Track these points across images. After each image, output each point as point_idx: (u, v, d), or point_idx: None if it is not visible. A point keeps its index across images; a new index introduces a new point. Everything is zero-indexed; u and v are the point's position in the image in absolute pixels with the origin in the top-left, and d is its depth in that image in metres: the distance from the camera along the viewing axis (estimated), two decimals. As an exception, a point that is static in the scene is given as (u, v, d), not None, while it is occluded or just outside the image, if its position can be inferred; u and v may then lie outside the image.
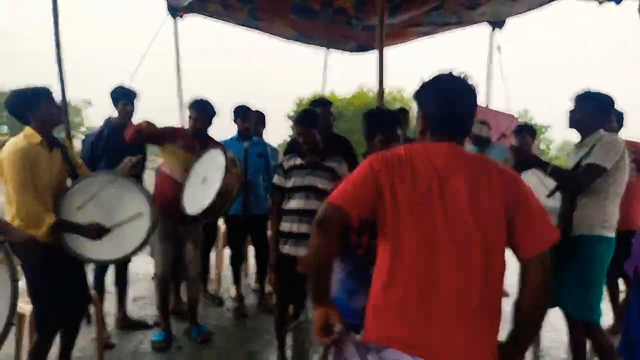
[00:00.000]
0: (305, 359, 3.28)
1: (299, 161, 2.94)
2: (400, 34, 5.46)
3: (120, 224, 2.58)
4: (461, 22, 5.21)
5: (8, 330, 1.42)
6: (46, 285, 2.48)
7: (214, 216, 3.16)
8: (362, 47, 5.95)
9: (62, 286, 2.53)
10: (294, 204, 2.88)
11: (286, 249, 2.87)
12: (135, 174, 2.92)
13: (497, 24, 5.51)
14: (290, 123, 41.22)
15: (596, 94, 2.60)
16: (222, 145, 3.43)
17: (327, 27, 5.25)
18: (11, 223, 2.35)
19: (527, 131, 4.30)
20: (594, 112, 2.59)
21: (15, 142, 2.44)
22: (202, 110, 3.44)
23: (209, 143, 3.44)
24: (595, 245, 2.50)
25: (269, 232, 3.38)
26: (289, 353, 3.22)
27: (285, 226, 2.89)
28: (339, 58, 6.57)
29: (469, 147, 4.55)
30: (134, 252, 2.73)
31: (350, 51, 6.11)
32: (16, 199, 2.35)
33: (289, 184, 2.91)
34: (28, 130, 2.49)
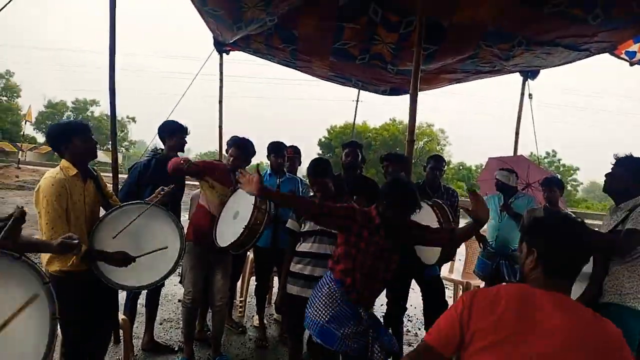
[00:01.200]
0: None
1: None
2: (433, 80, 5.60)
3: (147, 253, 2.66)
4: (494, 71, 5.31)
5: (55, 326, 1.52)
6: (72, 315, 2.49)
7: (241, 248, 3.30)
8: (395, 91, 6.12)
9: (91, 315, 2.63)
10: (306, 247, 3.01)
11: (295, 290, 2.97)
12: (167, 203, 3.00)
13: (530, 74, 5.61)
14: (319, 149, 41.77)
15: (638, 160, 2.57)
16: None
17: (363, 70, 5.45)
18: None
19: (555, 184, 4.31)
20: (635, 178, 2.54)
21: (53, 175, 2.52)
22: (243, 149, 3.65)
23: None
24: (625, 317, 2.37)
25: None
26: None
27: (297, 267, 3.00)
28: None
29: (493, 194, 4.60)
30: (161, 280, 2.82)
31: (383, 93, 6.28)
32: (47, 231, 2.42)
33: (303, 227, 3.05)
34: (64, 162, 2.61)
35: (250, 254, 4.79)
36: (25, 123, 26.29)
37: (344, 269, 2.54)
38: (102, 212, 2.80)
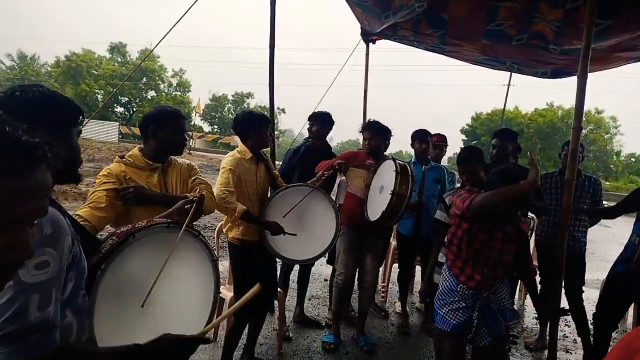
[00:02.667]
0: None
1: None
2: (604, 59, 4.92)
3: (290, 234, 2.97)
4: (687, 45, 4.48)
5: (217, 298, 1.65)
6: (246, 277, 2.98)
7: (394, 217, 3.36)
8: (558, 72, 5.52)
9: (258, 279, 2.99)
10: None
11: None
12: (324, 187, 3.30)
13: None
14: (463, 137, 39.89)
15: None
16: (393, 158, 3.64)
17: (520, 52, 5.02)
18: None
19: None
20: None
21: (233, 154, 3.04)
22: (375, 130, 3.73)
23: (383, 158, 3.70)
24: None
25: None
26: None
27: (443, 257, 2.96)
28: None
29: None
30: (319, 256, 3.19)
31: (543, 76, 5.71)
32: (216, 189, 2.78)
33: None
34: (241, 147, 3.07)
35: (394, 242, 4.85)
36: (195, 114, 30.01)
37: (456, 256, 2.59)
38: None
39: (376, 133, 3.73)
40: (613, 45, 4.50)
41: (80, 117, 1.29)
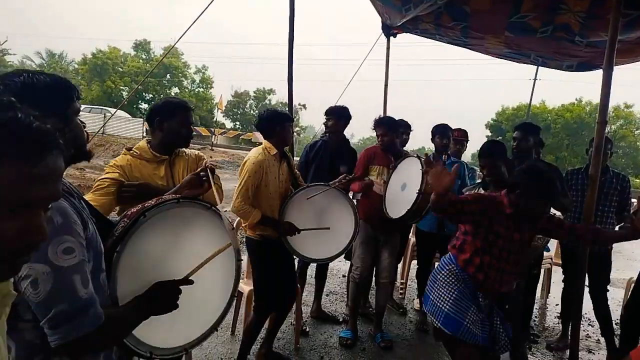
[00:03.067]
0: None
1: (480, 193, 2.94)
2: (634, 51, 4.76)
3: (310, 229, 2.98)
4: None
5: (232, 299, 1.70)
6: (267, 274, 3.02)
7: (418, 215, 3.34)
8: (584, 65, 5.36)
9: (278, 276, 3.05)
10: None
11: None
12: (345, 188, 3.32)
13: None
14: (488, 132, 39.22)
15: None
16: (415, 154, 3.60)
17: (545, 44, 4.90)
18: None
19: None
20: None
21: (258, 152, 2.99)
22: (388, 125, 3.70)
23: (401, 154, 3.68)
24: None
25: None
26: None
27: None
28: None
29: None
30: (336, 256, 3.19)
31: (568, 69, 5.55)
32: (234, 197, 2.88)
33: None
34: (267, 143, 3.03)
35: (412, 238, 4.80)
36: (217, 111, 30.27)
37: (469, 259, 2.48)
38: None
39: (389, 129, 3.69)
40: (642, 37, 4.34)
41: (76, 96, 1.28)
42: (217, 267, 1.59)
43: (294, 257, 3.17)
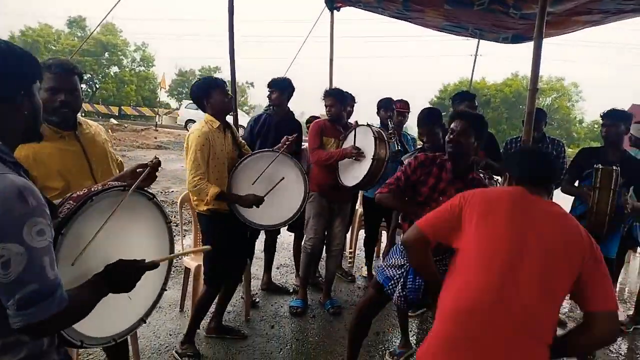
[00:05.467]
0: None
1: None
2: (563, 23, 5.00)
3: (271, 190, 2.95)
4: (641, 9, 4.59)
5: (171, 262, 1.77)
6: (219, 247, 2.88)
7: (373, 181, 3.46)
8: (518, 38, 5.59)
9: (230, 248, 3.02)
10: None
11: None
12: (292, 152, 3.28)
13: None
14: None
15: None
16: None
17: (482, 17, 5.05)
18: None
19: None
20: None
21: (201, 125, 2.91)
22: (336, 96, 3.75)
23: (349, 126, 3.74)
24: None
25: None
26: (413, 340, 3.36)
27: None
28: (492, 44, 6.24)
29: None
30: (288, 221, 3.21)
31: (504, 42, 5.78)
32: (188, 174, 2.82)
33: None
34: (207, 116, 2.95)
35: (360, 208, 4.91)
36: (160, 90, 29.16)
37: None
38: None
39: (337, 100, 3.73)
40: (570, 9, 4.56)
41: (41, 72, 1.26)
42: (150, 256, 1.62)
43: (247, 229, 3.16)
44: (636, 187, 3.16)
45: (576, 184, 3.59)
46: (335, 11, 5.64)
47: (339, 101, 3.73)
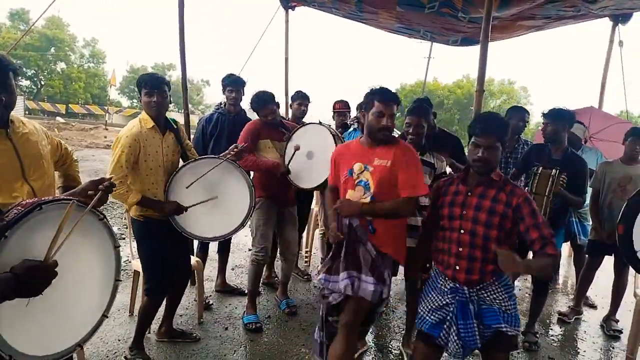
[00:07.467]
0: (386, 337, 3.44)
1: None
2: (508, 28, 5.24)
3: (198, 203, 2.78)
4: (578, 16, 4.86)
5: (116, 286, 1.67)
6: (153, 256, 2.82)
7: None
8: (467, 41, 5.80)
9: (165, 258, 2.85)
10: None
11: None
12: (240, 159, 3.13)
13: (620, 18, 5.08)
14: (388, 110, 40.97)
15: None
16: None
17: (433, 20, 5.21)
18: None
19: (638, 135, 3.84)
20: None
21: (131, 126, 2.72)
22: (269, 102, 3.53)
23: (291, 127, 3.64)
24: None
25: None
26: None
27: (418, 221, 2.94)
28: (445, 46, 6.43)
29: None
30: (235, 231, 2.99)
31: (454, 44, 5.97)
32: (110, 169, 2.63)
33: None
34: (143, 115, 2.77)
35: (315, 207, 4.92)
36: (110, 87, 28.19)
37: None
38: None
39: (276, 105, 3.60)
40: (515, 14, 4.77)
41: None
42: (93, 280, 1.60)
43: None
44: (571, 187, 3.22)
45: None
46: (290, 10, 5.65)
47: (277, 105, 3.62)
